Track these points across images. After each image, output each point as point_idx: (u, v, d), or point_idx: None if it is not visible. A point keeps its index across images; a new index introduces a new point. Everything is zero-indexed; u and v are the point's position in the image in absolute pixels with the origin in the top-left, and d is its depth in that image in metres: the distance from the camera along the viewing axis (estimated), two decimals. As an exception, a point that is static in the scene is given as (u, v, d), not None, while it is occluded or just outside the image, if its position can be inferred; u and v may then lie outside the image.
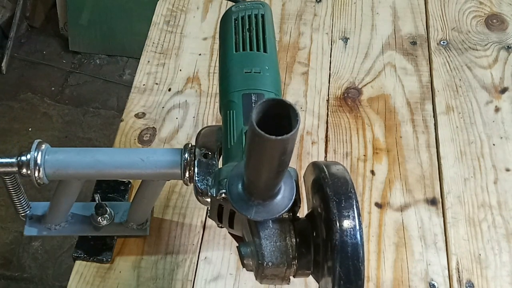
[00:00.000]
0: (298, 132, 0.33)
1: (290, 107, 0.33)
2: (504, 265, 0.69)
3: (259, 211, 0.41)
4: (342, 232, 0.39)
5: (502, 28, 0.95)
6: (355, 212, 0.40)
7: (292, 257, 0.43)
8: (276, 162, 0.35)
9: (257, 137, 0.32)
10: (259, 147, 0.34)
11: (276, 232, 0.43)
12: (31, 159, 0.56)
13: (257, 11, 0.60)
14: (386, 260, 0.69)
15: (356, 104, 0.85)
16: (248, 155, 0.37)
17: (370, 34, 0.95)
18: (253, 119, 0.32)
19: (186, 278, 0.67)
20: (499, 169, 0.78)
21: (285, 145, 0.33)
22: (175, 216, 0.73)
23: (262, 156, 0.35)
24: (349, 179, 0.42)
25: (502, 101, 0.85)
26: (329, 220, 0.39)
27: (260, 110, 0.33)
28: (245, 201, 0.41)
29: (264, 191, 0.40)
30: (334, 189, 0.41)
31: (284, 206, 0.41)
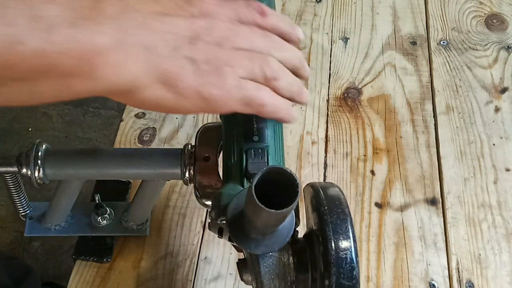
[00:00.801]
0: (297, 203, 0.34)
1: (291, 176, 0.34)
2: (504, 265, 0.69)
3: (258, 245, 0.41)
4: (339, 275, 0.40)
5: (502, 28, 0.95)
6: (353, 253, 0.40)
7: (291, 283, 0.43)
8: (275, 224, 0.38)
9: (255, 207, 0.34)
10: (258, 213, 0.35)
11: (275, 260, 0.44)
12: (31, 159, 0.56)
13: None
14: (386, 260, 0.69)
15: (356, 104, 0.85)
16: (247, 215, 0.38)
17: (370, 34, 0.95)
18: (252, 185, 0.33)
19: (186, 278, 0.67)
20: (499, 169, 0.78)
21: (284, 215, 0.35)
22: (175, 216, 0.73)
23: (260, 219, 0.36)
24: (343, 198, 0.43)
25: (502, 101, 0.85)
26: (327, 261, 0.40)
27: (260, 178, 0.34)
28: (245, 234, 0.41)
29: (263, 232, 0.41)
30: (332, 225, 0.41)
31: (284, 239, 0.41)
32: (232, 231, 0.41)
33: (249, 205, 0.36)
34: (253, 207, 0.34)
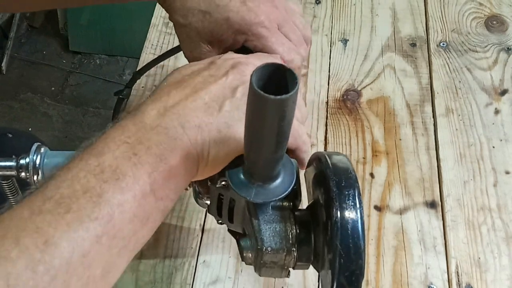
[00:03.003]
0: (297, 95, 0.33)
1: (289, 71, 0.34)
2: (504, 268, 0.69)
3: (258, 193, 0.41)
4: (342, 210, 0.39)
5: (502, 29, 0.95)
6: (355, 192, 0.40)
7: (292, 243, 0.43)
8: (275, 128, 0.35)
9: (257, 99, 0.33)
10: (259, 110, 0.34)
11: (276, 218, 0.43)
12: (30, 162, 0.56)
13: None
14: (385, 264, 0.69)
15: (356, 106, 0.85)
16: (247, 122, 0.37)
17: (369, 35, 0.94)
18: (253, 82, 0.33)
19: (184, 282, 0.67)
20: (498, 171, 0.77)
21: (284, 106, 0.33)
22: (173, 219, 0.72)
23: (261, 120, 0.35)
24: (349, 165, 0.43)
25: (502, 103, 0.85)
26: (329, 199, 0.40)
27: (259, 75, 0.33)
28: (244, 184, 0.41)
29: (264, 170, 0.40)
30: (335, 172, 0.41)
31: (284, 190, 0.41)
32: (232, 182, 0.41)
33: (250, 106, 0.35)
34: (254, 103, 0.33)
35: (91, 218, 0.36)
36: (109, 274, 0.38)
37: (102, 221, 0.36)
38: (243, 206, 0.45)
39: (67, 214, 0.35)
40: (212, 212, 0.50)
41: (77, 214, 0.35)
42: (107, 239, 0.36)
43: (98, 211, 0.36)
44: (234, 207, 0.47)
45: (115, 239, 0.37)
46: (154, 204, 0.40)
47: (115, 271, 0.38)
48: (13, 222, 0.35)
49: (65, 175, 0.38)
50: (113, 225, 0.37)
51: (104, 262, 0.37)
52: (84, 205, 0.36)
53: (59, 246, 0.34)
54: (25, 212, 0.35)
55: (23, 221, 0.34)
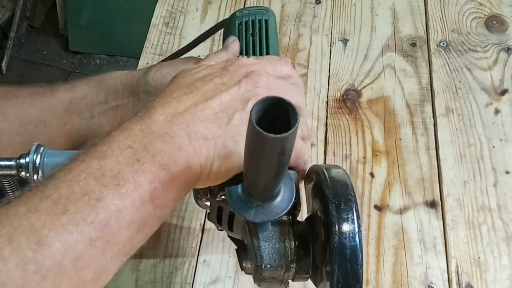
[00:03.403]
0: (297, 131, 0.33)
1: (289, 106, 0.33)
2: (504, 268, 0.69)
3: (258, 212, 0.40)
4: (341, 235, 0.39)
5: (502, 29, 0.95)
6: (354, 215, 0.39)
7: (291, 260, 0.43)
8: (275, 162, 0.35)
9: (256, 135, 0.32)
10: (258, 145, 0.34)
11: (275, 235, 0.43)
12: (30, 162, 0.56)
13: (260, 17, 0.61)
14: (385, 263, 0.69)
15: (356, 106, 0.85)
16: (247, 154, 0.37)
17: (369, 35, 0.94)
18: (252, 118, 0.32)
19: (184, 281, 0.67)
20: (498, 171, 0.77)
21: (284, 143, 0.33)
22: (173, 219, 0.72)
23: (261, 155, 0.35)
24: (349, 182, 0.42)
25: (502, 103, 0.85)
26: (328, 222, 0.39)
27: (259, 108, 0.33)
28: (244, 202, 0.41)
29: (263, 193, 0.40)
30: (333, 192, 0.41)
31: (283, 208, 0.41)
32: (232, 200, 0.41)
33: (248, 140, 0.35)
34: (253, 139, 0.33)
35: (87, 221, 0.35)
36: (100, 277, 0.37)
37: (98, 226, 0.36)
38: (243, 220, 0.45)
39: (63, 215, 0.35)
40: (212, 220, 0.50)
41: (73, 216, 0.35)
42: (101, 243, 0.36)
43: (95, 215, 0.36)
44: (234, 217, 0.47)
45: (109, 243, 0.37)
46: (152, 211, 0.40)
47: (106, 274, 0.38)
48: (9, 218, 0.34)
49: (66, 176, 0.37)
50: (108, 230, 0.36)
51: (96, 265, 0.36)
52: (81, 208, 0.36)
53: (52, 247, 0.34)
54: (21, 209, 0.35)
55: (18, 218, 0.34)
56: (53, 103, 0.58)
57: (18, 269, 0.32)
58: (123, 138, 0.40)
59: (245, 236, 0.46)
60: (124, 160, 0.39)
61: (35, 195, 0.36)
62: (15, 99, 0.59)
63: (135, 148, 0.40)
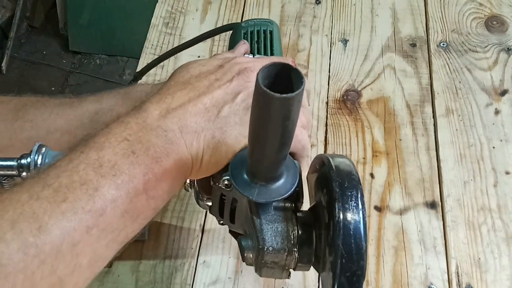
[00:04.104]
0: (302, 94, 0.33)
1: (295, 70, 0.34)
2: (504, 268, 0.69)
3: (261, 192, 0.41)
4: (344, 211, 0.39)
5: (502, 29, 0.95)
6: (358, 193, 0.40)
7: (293, 243, 0.43)
8: (280, 128, 0.35)
9: (262, 96, 0.33)
10: (264, 107, 0.34)
11: (278, 218, 0.43)
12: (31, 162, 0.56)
13: (265, 27, 0.64)
14: (385, 264, 0.69)
15: (356, 107, 0.85)
16: (252, 121, 0.37)
17: (369, 36, 0.94)
18: (259, 80, 0.33)
19: (184, 282, 0.67)
20: (499, 172, 0.77)
21: (289, 105, 0.33)
22: (173, 220, 0.72)
23: (266, 118, 0.35)
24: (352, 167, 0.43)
25: (502, 103, 0.85)
26: (331, 200, 0.40)
27: (265, 73, 0.33)
28: (247, 183, 0.42)
29: (267, 170, 0.40)
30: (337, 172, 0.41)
31: (287, 190, 0.41)
32: (235, 181, 0.41)
33: (255, 104, 0.35)
34: (259, 101, 0.34)
35: (85, 210, 0.37)
36: (95, 264, 0.39)
37: (95, 214, 0.38)
38: (245, 206, 0.45)
39: (63, 203, 0.37)
40: (214, 212, 0.51)
41: (72, 204, 0.37)
42: (97, 231, 0.38)
43: (92, 203, 0.38)
44: (236, 207, 0.47)
45: (104, 231, 0.38)
46: (146, 202, 0.42)
47: (101, 261, 0.40)
48: (12, 204, 0.36)
49: (66, 166, 0.39)
50: (104, 219, 0.38)
51: (92, 252, 0.38)
52: (80, 197, 0.37)
53: (52, 233, 0.36)
54: (24, 196, 0.36)
55: (21, 204, 0.36)
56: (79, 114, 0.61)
57: (19, 252, 0.34)
58: (120, 131, 0.42)
59: (247, 226, 0.46)
60: (121, 151, 0.41)
61: (37, 183, 0.38)
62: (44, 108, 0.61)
63: (131, 141, 0.42)
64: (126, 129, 0.42)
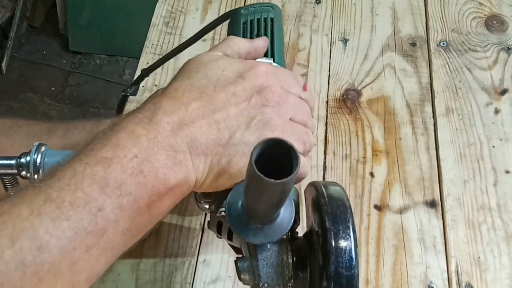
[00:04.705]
0: (297, 174, 0.33)
1: (291, 149, 0.34)
2: (504, 267, 0.69)
3: (257, 234, 0.41)
4: (338, 264, 0.39)
5: (502, 29, 0.95)
6: (352, 243, 0.40)
7: (288, 278, 0.43)
8: (275, 201, 0.36)
9: (256, 179, 0.33)
10: (258, 187, 0.34)
11: (273, 254, 0.44)
12: (30, 161, 0.56)
13: (266, 15, 0.60)
14: (385, 263, 0.69)
15: (356, 106, 0.85)
16: (247, 191, 0.37)
17: (369, 35, 0.95)
18: (253, 159, 0.33)
19: (185, 281, 0.67)
20: (498, 171, 0.77)
21: (284, 187, 0.34)
22: (174, 219, 0.72)
23: (260, 194, 0.35)
24: (348, 205, 0.42)
25: (502, 102, 0.85)
26: (326, 251, 0.40)
27: (259, 150, 0.34)
28: (243, 223, 0.41)
29: (263, 219, 0.41)
30: (332, 216, 0.41)
31: (283, 230, 0.42)
32: (231, 221, 0.41)
33: (249, 181, 0.35)
34: (253, 181, 0.34)
35: (86, 230, 0.37)
36: (93, 278, 0.39)
37: (96, 234, 0.37)
38: None
39: (65, 221, 0.36)
40: (212, 229, 0.51)
41: (74, 224, 0.36)
42: (97, 249, 0.38)
43: (94, 224, 0.37)
44: None
45: (104, 249, 0.38)
46: (148, 220, 0.42)
47: (98, 274, 0.40)
48: (11, 219, 0.35)
49: (70, 179, 0.38)
50: (105, 238, 0.38)
51: (90, 269, 0.38)
52: (82, 216, 0.37)
53: (51, 253, 0.35)
54: (25, 211, 0.36)
55: (20, 219, 0.35)
56: None
57: (17, 271, 0.34)
58: (130, 145, 0.41)
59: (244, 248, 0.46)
60: (129, 170, 0.40)
61: (38, 195, 0.37)
62: (15, 136, 0.62)
63: (140, 158, 0.40)
64: (136, 144, 0.41)
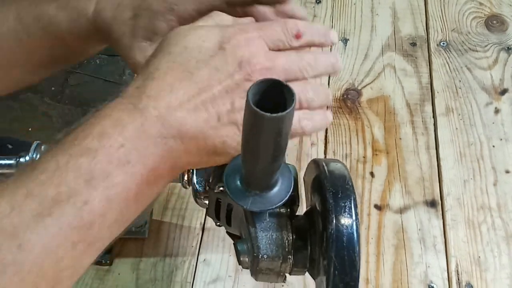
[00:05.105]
0: (293, 112, 0.33)
1: (286, 87, 0.33)
2: (504, 267, 0.69)
3: (255, 201, 0.41)
4: (338, 222, 0.39)
5: (502, 29, 0.95)
6: (351, 204, 0.40)
7: (288, 251, 0.43)
8: (271, 144, 0.35)
9: (252, 116, 0.33)
10: (255, 126, 0.34)
11: (272, 225, 0.43)
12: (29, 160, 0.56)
13: None
14: (385, 263, 0.69)
15: (356, 106, 0.85)
16: (244, 137, 0.37)
17: (369, 35, 0.95)
18: (250, 99, 0.32)
19: (185, 280, 0.67)
20: (498, 171, 0.77)
21: (280, 124, 0.33)
22: (174, 218, 0.73)
23: (257, 137, 0.35)
24: (347, 174, 0.43)
25: (502, 102, 0.85)
26: (325, 211, 0.40)
27: (256, 90, 0.33)
28: (242, 192, 0.41)
29: (261, 180, 0.40)
30: (331, 182, 0.41)
31: (281, 198, 0.41)
32: (229, 190, 0.41)
33: (246, 123, 0.35)
34: (250, 118, 0.33)
35: (71, 226, 0.35)
36: (78, 274, 0.37)
37: (82, 230, 0.35)
38: (241, 211, 0.45)
39: (47, 217, 0.34)
40: (210, 215, 0.51)
41: (57, 220, 0.34)
42: (83, 245, 0.36)
43: (79, 219, 0.35)
44: (232, 211, 0.47)
45: (90, 244, 0.36)
46: (135, 209, 0.39)
47: (84, 270, 0.38)
48: None
49: (53, 172, 0.36)
50: (91, 233, 0.36)
51: (75, 265, 0.36)
52: (67, 211, 0.35)
53: (33, 251, 0.33)
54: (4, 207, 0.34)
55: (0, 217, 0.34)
56: None
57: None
58: (116, 134, 0.38)
59: (243, 229, 0.46)
60: (116, 161, 0.37)
61: (19, 189, 0.35)
62: None
63: (126, 148, 0.38)
64: (122, 133, 0.38)
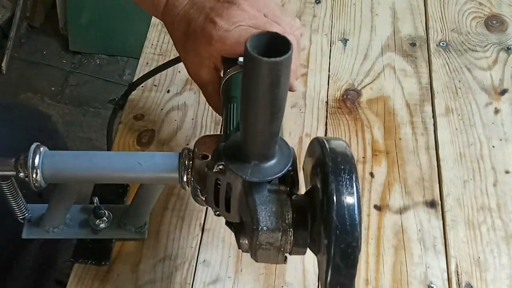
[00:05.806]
0: (291, 60, 0.34)
1: (283, 38, 0.34)
2: (504, 267, 0.69)
3: (254, 171, 0.41)
4: (338, 183, 0.39)
5: (502, 29, 0.95)
6: (351, 167, 0.40)
7: (288, 224, 0.43)
8: (269, 95, 0.36)
9: (251, 62, 0.33)
10: (253, 73, 0.34)
11: (272, 199, 0.43)
12: (28, 162, 0.56)
13: None
14: (385, 263, 0.69)
15: (355, 106, 0.85)
16: (243, 93, 0.38)
17: (369, 35, 0.94)
18: (248, 47, 0.33)
19: (184, 281, 0.67)
20: (498, 171, 0.77)
21: (277, 70, 0.34)
22: (173, 219, 0.72)
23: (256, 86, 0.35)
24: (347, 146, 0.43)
25: (502, 102, 0.85)
26: (325, 174, 0.40)
27: (254, 42, 0.34)
28: (241, 162, 0.42)
29: (260, 147, 0.41)
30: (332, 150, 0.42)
31: (280, 169, 0.42)
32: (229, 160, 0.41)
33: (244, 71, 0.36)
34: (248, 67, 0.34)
35: None
36: None
37: None
38: (240, 192, 0.45)
39: None
40: (209, 202, 0.50)
41: None
42: None
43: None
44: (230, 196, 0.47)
45: None
46: None
47: None
48: None
49: None
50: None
51: None
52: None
53: None
54: None
55: None
56: None
57: None
58: None
59: (242, 211, 0.46)
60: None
61: None
62: None
63: None
64: None
